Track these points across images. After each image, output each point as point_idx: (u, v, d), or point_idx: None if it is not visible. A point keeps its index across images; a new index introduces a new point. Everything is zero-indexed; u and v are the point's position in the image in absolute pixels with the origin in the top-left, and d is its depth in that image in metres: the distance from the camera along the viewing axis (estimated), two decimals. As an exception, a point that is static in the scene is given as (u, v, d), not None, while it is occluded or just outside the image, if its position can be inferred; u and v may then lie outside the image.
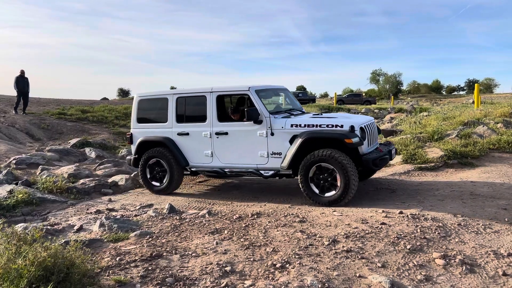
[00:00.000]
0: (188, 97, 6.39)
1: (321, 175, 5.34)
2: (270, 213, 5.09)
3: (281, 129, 5.62)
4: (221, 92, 6.15)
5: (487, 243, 3.88)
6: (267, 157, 5.73)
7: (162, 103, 6.61)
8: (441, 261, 3.46)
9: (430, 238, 3.97)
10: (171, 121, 6.49)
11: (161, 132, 6.55)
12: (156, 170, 6.66)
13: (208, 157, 6.21)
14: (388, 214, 4.71)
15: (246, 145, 5.88)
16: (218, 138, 6.06)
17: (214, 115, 6.11)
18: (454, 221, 4.41)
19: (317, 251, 3.71)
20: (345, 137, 5.14)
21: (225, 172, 6.14)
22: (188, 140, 6.33)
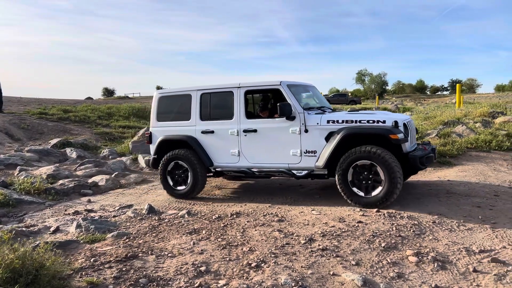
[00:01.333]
0: (214, 93, 6.01)
1: (362, 175, 4.95)
2: (250, 212, 5.10)
3: (316, 126, 5.23)
4: (249, 88, 5.78)
5: (460, 240, 3.96)
6: (300, 155, 5.34)
7: (184, 100, 6.20)
8: (414, 258, 3.52)
9: (405, 236, 4.03)
10: (194, 119, 6.08)
11: (184, 131, 6.14)
12: (178, 173, 6.20)
13: (235, 156, 5.80)
14: (366, 212, 4.76)
15: (277, 143, 5.47)
16: (246, 136, 5.67)
17: (242, 112, 5.72)
18: (429, 219, 4.49)
19: (293, 250, 3.73)
20: (390, 133, 4.78)
21: (253, 172, 5.73)
22: (213, 139, 5.92)
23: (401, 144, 4.85)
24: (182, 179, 6.18)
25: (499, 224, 4.46)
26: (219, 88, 5.99)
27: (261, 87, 5.85)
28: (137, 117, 16.80)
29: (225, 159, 5.90)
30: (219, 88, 5.99)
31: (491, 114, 12.67)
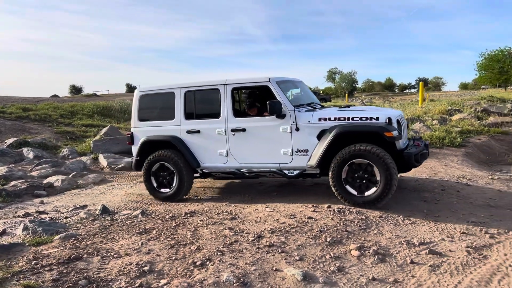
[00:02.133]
0: (199, 91, 5.74)
1: (356, 174, 4.83)
2: (205, 211, 5.11)
3: (307, 124, 5.07)
4: (236, 84, 5.55)
5: (403, 234, 4.11)
6: (292, 155, 5.18)
7: (167, 98, 5.92)
8: (356, 252, 3.63)
9: (351, 231, 4.15)
10: (178, 118, 5.82)
11: (168, 131, 5.87)
12: (163, 174, 5.95)
13: (223, 157, 5.58)
14: (317, 208, 4.87)
15: (267, 142, 5.29)
16: (234, 136, 5.46)
17: (229, 110, 5.50)
18: (376, 214, 4.63)
19: (241, 247, 3.77)
20: (385, 130, 4.65)
21: (243, 173, 5.54)
22: (199, 139, 5.69)
23: (395, 142, 4.76)
24: (167, 181, 5.93)
25: (441, 217, 4.66)
26: (204, 85, 5.73)
27: (249, 84, 5.62)
28: (102, 116, 16.44)
29: (213, 160, 5.68)
30: (204, 85, 5.73)
31: (449, 111, 13.19)
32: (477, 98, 16.77)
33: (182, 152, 5.72)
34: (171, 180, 5.88)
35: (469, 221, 4.50)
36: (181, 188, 5.80)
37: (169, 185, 5.91)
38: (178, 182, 5.77)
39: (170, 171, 5.86)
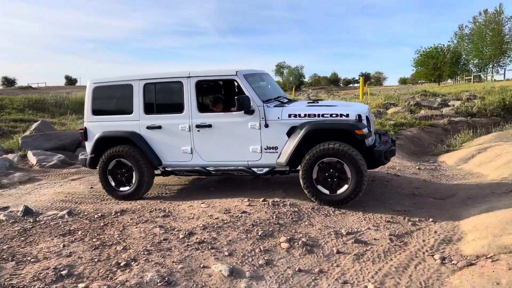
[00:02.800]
0: (159, 84, 5.40)
1: (327, 172, 4.73)
2: (137, 209, 4.93)
3: (277, 120, 4.92)
4: (201, 78, 5.26)
5: (332, 224, 4.23)
6: (261, 152, 5.00)
7: (125, 91, 5.53)
8: (286, 244, 3.68)
9: (283, 223, 4.21)
10: (137, 113, 5.43)
11: (125, 126, 5.48)
12: (121, 172, 5.57)
13: (187, 154, 5.30)
14: (252, 202, 4.87)
15: (235, 139, 5.09)
16: (200, 132, 5.19)
17: (194, 105, 5.20)
18: (309, 206, 4.73)
19: (169, 245, 3.68)
20: (356, 128, 4.59)
21: (209, 171, 5.26)
22: (161, 135, 5.36)
23: (365, 139, 4.72)
24: (126, 178, 5.57)
25: (369, 207, 4.86)
26: (166, 77, 5.39)
27: (215, 77, 5.41)
28: (34, 110, 15.39)
29: (176, 157, 5.38)
30: (165, 77, 5.39)
31: (385, 105, 13.83)
32: (411, 93, 17.75)
33: (142, 149, 5.38)
34: (130, 177, 5.55)
35: (395, 210, 4.74)
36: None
37: (128, 183, 5.57)
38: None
39: (128, 167, 5.52)
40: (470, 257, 3.34)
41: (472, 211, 4.53)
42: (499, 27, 39.31)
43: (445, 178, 6.47)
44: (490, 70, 41.35)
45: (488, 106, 11.92)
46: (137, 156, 5.39)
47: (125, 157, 5.44)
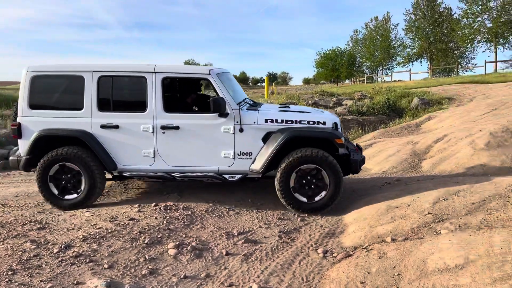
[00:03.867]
0: (118, 77, 4.80)
1: (304, 180, 4.60)
2: (8, 222, 4.32)
3: (253, 125, 4.67)
4: (168, 74, 4.80)
5: (225, 225, 4.19)
6: (233, 158, 4.71)
7: (73, 82, 4.81)
8: (173, 250, 3.53)
9: (174, 228, 4.04)
10: (89, 109, 4.77)
11: (73, 123, 4.76)
12: (65, 178, 4.82)
13: (149, 158, 4.78)
14: (143, 208, 4.62)
15: (205, 143, 4.72)
16: (165, 134, 4.72)
17: (159, 104, 4.72)
18: (203, 208, 4.64)
19: (40, 262, 3.28)
20: (335, 137, 4.57)
21: (174, 177, 4.79)
22: (118, 135, 4.77)
23: (339, 148, 4.67)
24: (72, 185, 4.85)
25: (264, 205, 4.94)
26: (126, 70, 4.82)
27: (185, 75, 4.95)
28: None
29: (135, 161, 4.82)
30: (126, 70, 4.82)
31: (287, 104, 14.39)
32: (311, 93, 18.75)
33: (95, 151, 4.74)
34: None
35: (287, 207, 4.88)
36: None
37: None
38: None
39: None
40: (349, 249, 3.55)
41: (355, 204, 4.86)
42: (387, 33, 43.63)
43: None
44: (380, 72, 45.71)
45: (375, 105, 13.06)
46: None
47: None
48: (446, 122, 10.05)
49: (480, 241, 2.93)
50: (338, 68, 43.77)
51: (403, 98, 13.92)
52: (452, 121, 9.97)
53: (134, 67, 4.84)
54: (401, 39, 42.78)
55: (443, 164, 6.27)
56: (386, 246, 3.37)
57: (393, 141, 8.46)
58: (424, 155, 7.02)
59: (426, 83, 21.35)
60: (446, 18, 38.06)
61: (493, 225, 3.27)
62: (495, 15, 31.59)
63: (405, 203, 4.24)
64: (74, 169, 4.80)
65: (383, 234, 3.64)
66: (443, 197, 4.14)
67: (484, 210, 3.64)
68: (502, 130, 6.84)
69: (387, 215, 4.07)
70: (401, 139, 8.63)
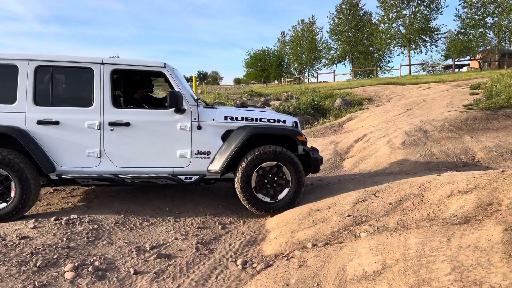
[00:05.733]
0: (59, 68, 4.30)
1: (266, 178, 4.44)
2: None
3: (211, 122, 4.47)
4: (118, 66, 4.41)
5: (136, 239, 3.78)
6: (190, 157, 4.42)
7: (4, 72, 4.25)
8: (71, 273, 3.05)
9: (75, 246, 3.54)
10: (23, 102, 4.22)
11: (3, 119, 4.18)
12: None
13: (94, 158, 4.32)
14: (40, 223, 4.02)
15: (159, 141, 4.38)
16: (113, 131, 4.31)
17: (107, 98, 4.32)
18: (112, 220, 4.17)
19: None
20: (297, 134, 4.54)
21: (123, 179, 4.32)
22: (58, 132, 4.25)
23: (299, 145, 4.63)
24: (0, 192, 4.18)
25: (183, 213, 4.60)
26: (69, 61, 4.32)
27: (137, 68, 4.49)
28: None
29: (78, 162, 4.32)
30: (68, 61, 4.32)
31: (213, 104, 14.10)
32: (240, 93, 18.65)
33: (30, 150, 4.16)
34: (6, 190, 4.20)
35: (207, 214, 4.58)
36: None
37: (2, 197, 4.19)
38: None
39: (2, 177, 4.17)
40: (269, 258, 3.36)
41: (278, 207, 4.71)
42: (312, 35, 45.24)
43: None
44: (307, 73, 47.26)
45: (301, 106, 13.29)
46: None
47: None
48: (366, 122, 10.47)
49: (397, 244, 2.89)
50: (267, 69, 44.44)
51: (327, 99, 14.35)
52: (372, 120, 10.41)
53: (78, 58, 4.39)
54: (326, 41, 44.65)
55: (363, 163, 6.42)
56: (307, 252, 3.23)
57: (317, 141, 8.56)
58: (345, 154, 7.16)
59: (348, 84, 22.39)
60: (366, 22, 40.45)
61: (409, 225, 3.28)
62: (407, 22, 34.23)
63: (326, 206, 4.17)
64: (1, 174, 4.17)
65: (304, 240, 3.51)
66: (362, 198, 4.13)
67: (401, 210, 3.67)
68: (416, 129, 7.21)
69: (309, 218, 3.96)
70: (324, 139, 8.78)
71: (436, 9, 34.01)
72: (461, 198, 3.54)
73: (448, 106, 10.25)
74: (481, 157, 6.27)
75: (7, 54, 4.33)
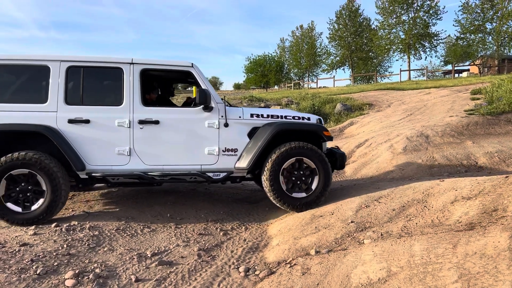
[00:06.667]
0: (90, 68, 4.38)
1: (293, 176, 4.49)
2: None
3: (238, 120, 4.54)
4: (147, 66, 4.49)
5: (137, 246, 3.74)
6: (218, 154, 4.49)
7: (35, 73, 4.32)
8: (71, 281, 3.01)
9: (75, 253, 3.50)
10: (55, 102, 4.27)
11: (35, 118, 4.19)
12: (21, 188, 4.15)
13: (123, 156, 4.35)
14: (40, 230, 3.99)
15: (188, 138, 4.44)
16: (143, 129, 4.38)
17: (137, 97, 4.39)
18: (113, 227, 4.13)
19: None
20: (324, 130, 4.64)
21: (152, 177, 4.36)
22: (88, 131, 4.31)
23: (323, 143, 4.80)
24: (28, 197, 4.18)
25: (184, 219, 4.56)
26: (99, 61, 4.41)
27: (165, 67, 4.58)
28: None
29: (107, 160, 4.35)
30: (98, 61, 4.41)
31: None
32: (240, 98, 18.66)
33: (62, 148, 4.19)
34: (39, 194, 4.19)
35: (209, 220, 4.55)
36: (56, 202, 4.17)
37: (30, 201, 4.19)
38: (50, 195, 4.13)
39: (34, 181, 4.17)
40: (272, 265, 3.32)
41: (279, 213, 4.69)
42: (312, 41, 45.37)
43: (262, 180, 6.70)
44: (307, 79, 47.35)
45: (301, 111, 13.27)
46: (51, 166, 4.13)
47: (34, 167, 4.10)
48: (367, 127, 10.45)
49: (402, 250, 2.86)
50: (267, 74, 44.54)
51: (327, 104, 14.35)
52: (372, 126, 10.40)
53: (107, 58, 4.49)
54: (326, 47, 44.78)
55: (365, 168, 6.39)
56: (310, 259, 3.19)
57: (318, 146, 8.54)
58: (347, 160, 7.12)
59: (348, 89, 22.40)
60: (365, 28, 40.57)
61: (413, 232, 3.24)
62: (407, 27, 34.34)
63: (329, 212, 4.13)
64: (35, 177, 4.18)
65: (307, 247, 3.47)
66: (365, 204, 4.10)
67: (404, 216, 3.64)
68: (417, 135, 7.19)
69: (312, 225, 3.93)
70: (326, 144, 8.76)
71: (435, 14, 34.12)
72: (465, 204, 3.51)
73: (449, 111, 10.24)
74: (483, 163, 6.24)
75: (39, 55, 4.42)
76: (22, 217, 4.15)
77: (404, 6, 34.33)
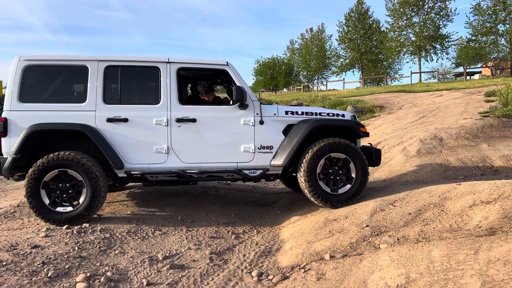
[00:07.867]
0: (127, 68, 4.42)
1: (331, 169, 4.47)
2: None
3: (273, 117, 4.53)
4: (184, 65, 4.52)
5: (149, 249, 3.70)
6: (254, 152, 4.48)
7: (75, 73, 4.38)
8: (83, 284, 2.97)
9: (86, 256, 3.47)
10: (93, 101, 4.30)
11: (73, 117, 4.22)
12: (62, 187, 4.17)
13: (161, 154, 4.37)
14: (52, 232, 3.97)
15: (224, 136, 4.46)
16: (180, 127, 4.39)
17: (174, 95, 4.41)
18: (124, 229, 4.10)
19: None
20: (360, 126, 4.65)
21: (190, 175, 4.37)
22: (127, 129, 4.31)
23: (358, 139, 4.81)
24: (69, 195, 4.20)
25: (195, 222, 4.52)
26: (136, 60, 4.46)
27: (200, 66, 4.64)
28: None
29: (146, 159, 4.36)
30: (135, 60, 4.46)
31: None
32: (249, 100, 18.65)
33: (101, 148, 4.20)
34: (77, 193, 4.22)
35: (220, 223, 4.50)
36: (95, 202, 4.18)
37: (70, 200, 4.22)
38: (90, 195, 4.14)
39: (75, 182, 4.19)
40: (286, 269, 3.25)
41: (292, 216, 4.61)
42: (321, 43, 45.24)
43: (272, 183, 6.64)
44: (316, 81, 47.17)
45: (312, 113, 13.20)
46: (89, 165, 4.12)
47: (75, 168, 4.10)
48: (379, 130, 10.32)
49: (420, 256, 2.77)
50: (276, 77, 44.42)
51: (338, 106, 14.24)
52: (384, 128, 10.27)
53: (145, 58, 4.53)
54: (335, 49, 44.59)
55: (378, 171, 6.29)
56: (325, 264, 3.11)
57: (330, 149, 8.45)
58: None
59: (358, 92, 22.24)
60: (375, 30, 40.32)
61: (431, 237, 3.15)
62: (417, 30, 34.04)
63: (343, 215, 4.05)
64: (76, 177, 4.18)
65: (321, 251, 3.39)
66: (380, 207, 4.01)
67: (421, 220, 3.54)
68: (431, 137, 7.06)
69: (325, 228, 3.85)
70: (337, 147, 8.66)
71: (446, 16, 33.78)
72: (485, 208, 3.41)
73: (462, 113, 10.07)
74: (499, 166, 6.10)
75: (78, 56, 4.47)
76: (59, 217, 4.15)
77: (415, 8, 34.06)
